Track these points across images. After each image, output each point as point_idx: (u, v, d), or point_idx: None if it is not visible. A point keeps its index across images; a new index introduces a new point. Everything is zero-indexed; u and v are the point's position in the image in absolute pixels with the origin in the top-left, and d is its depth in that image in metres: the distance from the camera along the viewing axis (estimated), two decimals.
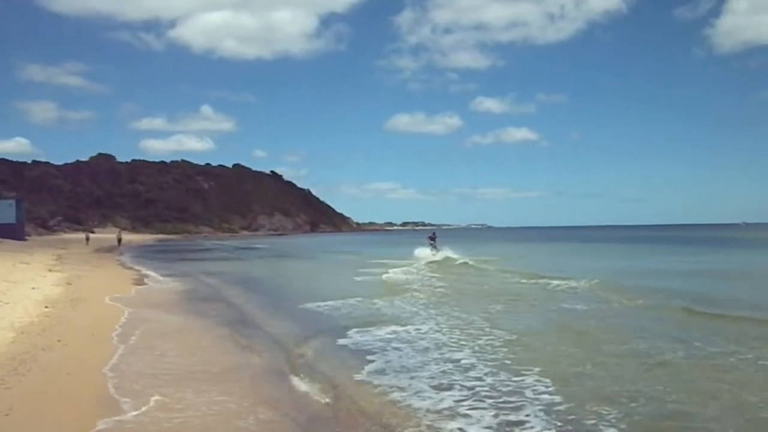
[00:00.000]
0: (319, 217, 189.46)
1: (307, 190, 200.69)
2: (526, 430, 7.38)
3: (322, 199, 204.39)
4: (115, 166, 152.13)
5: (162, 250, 64.16)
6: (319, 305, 18.04)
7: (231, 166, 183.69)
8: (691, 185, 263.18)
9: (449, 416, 7.88)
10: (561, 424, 7.51)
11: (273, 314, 16.90)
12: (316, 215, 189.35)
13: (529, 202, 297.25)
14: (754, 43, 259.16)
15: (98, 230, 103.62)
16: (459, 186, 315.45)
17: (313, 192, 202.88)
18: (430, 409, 8.12)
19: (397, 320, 15.27)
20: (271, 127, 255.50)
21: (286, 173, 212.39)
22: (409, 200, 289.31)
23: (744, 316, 15.18)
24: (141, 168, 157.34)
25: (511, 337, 12.81)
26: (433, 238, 46.27)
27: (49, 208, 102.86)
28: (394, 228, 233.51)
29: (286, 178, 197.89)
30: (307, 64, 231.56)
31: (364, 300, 19.14)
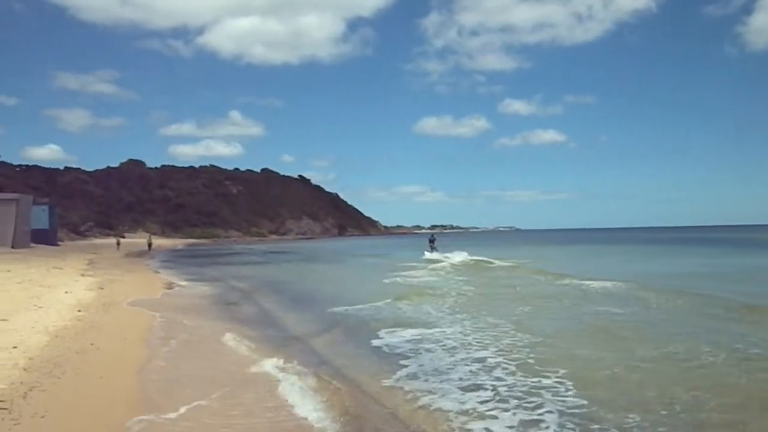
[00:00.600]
0: (347, 221, 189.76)
1: (335, 194, 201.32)
2: None
3: (350, 203, 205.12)
4: (145, 172, 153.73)
5: (192, 255, 64.68)
6: (348, 309, 18.10)
7: (259, 171, 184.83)
8: (722, 186, 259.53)
9: (476, 417, 7.90)
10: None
11: (303, 318, 16.94)
12: (344, 219, 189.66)
13: (557, 205, 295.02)
14: None
15: (129, 235, 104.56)
16: (487, 189, 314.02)
17: (341, 196, 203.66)
18: (459, 411, 8.12)
19: (425, 323, 15.20)
20: (299, 132, 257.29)
21: (314, 177, 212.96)
22: (437, 203, 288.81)
23: None
24: (170, 173, 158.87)
25: (540, 340, 12.69)
26: (432, 240, 52.97)
27: (81, 214, 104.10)
28: (422, 231, 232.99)
29: (314, 182, 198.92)
30: (335, 69, 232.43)
31: (393, 303, 19.12)
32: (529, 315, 16.41)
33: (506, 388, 9.13)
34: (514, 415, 7.96)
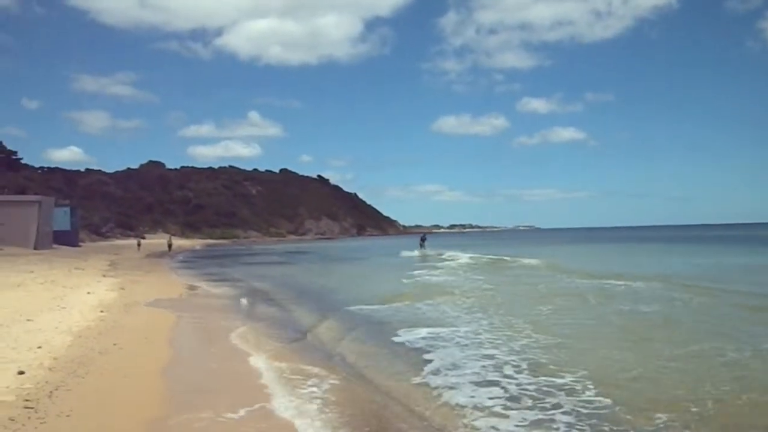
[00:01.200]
0: (366, 221, 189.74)
1: (354, 194, 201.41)
2: None
3: (369, 203, 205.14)
4: (165, 173, 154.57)
5: (211, 255, 64.99)
6: (367, 308, 18.25)
7: (278, 171, 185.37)
8: (741, 184, 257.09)
9: (491, 414, 7.97)
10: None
11: (323, 317, 16.92)
12: (363, 219, 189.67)
13: (577, 203, 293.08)
14: None
15: (149, 236, 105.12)
16: (506, 187, 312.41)
17: (360, 195, 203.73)
18: (476, 406, 8.20)
19: (444, 323, 15.19)
20: (318, 132, 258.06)
21: (333, 177, 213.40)
22: (456, 202, 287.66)
23: None
24: (190, 174, 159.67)
25: (560, 340, 12.61)
26: (423, 239, 58.17)
27: (102, 215, 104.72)
28: (441, 230, 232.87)
29: (333, 182, 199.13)
30: (353, 69, 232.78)
31: (412, 303, 19.15)
32: (550, 314, 16.33)
33: (523, 387, 9.12)
34: (531, 413, 7.97)
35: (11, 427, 6.53)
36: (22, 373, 8.62)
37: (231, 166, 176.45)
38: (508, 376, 9.76)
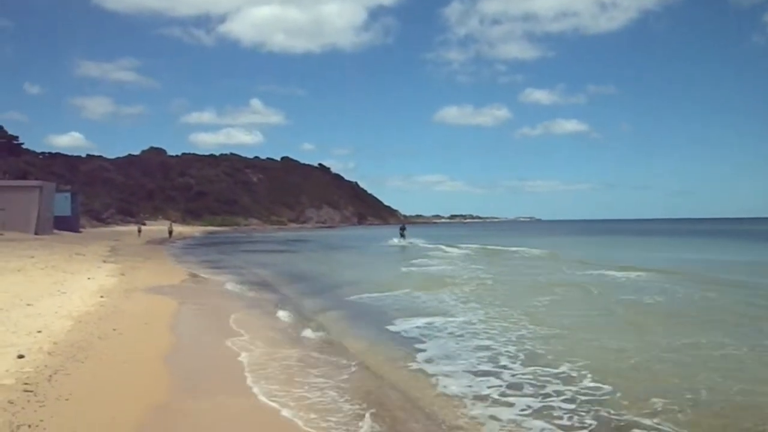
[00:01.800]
0: (367, 210, 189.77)
1: (355, 183, 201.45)
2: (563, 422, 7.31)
3: (370, 192, 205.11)
4: (166, 160, 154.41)
5: (212, 242, 65.03)
6: (366, 297, 18.29)
7: (279, 159, 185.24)
8: (743, 178, 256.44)
9: (490, 403, 8.02)
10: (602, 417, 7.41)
11: (323, 306, 16.99)
12: (364, 208, 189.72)
13: (578, 195, 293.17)
14: None
15: (150, 222, 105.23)
16: (507, 179, 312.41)
17: (361, 184, 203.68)
18: (474, 396, 8.25)
19: (442, 312, 15.22)
20: (320, 120, 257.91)
21: (334, 166, 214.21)
22: (457, 193, 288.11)
23: None
24: (191, 161, 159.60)
25: (558, 331, 12.64)
26: (403, 229, 60.54)
27: (103, 201, 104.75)
28: (442, 221, 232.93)
29: (334, 170, 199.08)
30: (356, 58, 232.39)
31: (411, 291, 19.23)
32: (549, 304, 16.35)
33: (521, 376, 9.16)
34: (528, 400, 8.04)
35: (11, 409, 6.57)
36: (21, 357, 8.65)
37: (232, 154, 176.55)
38: (505, 366, 9.79)
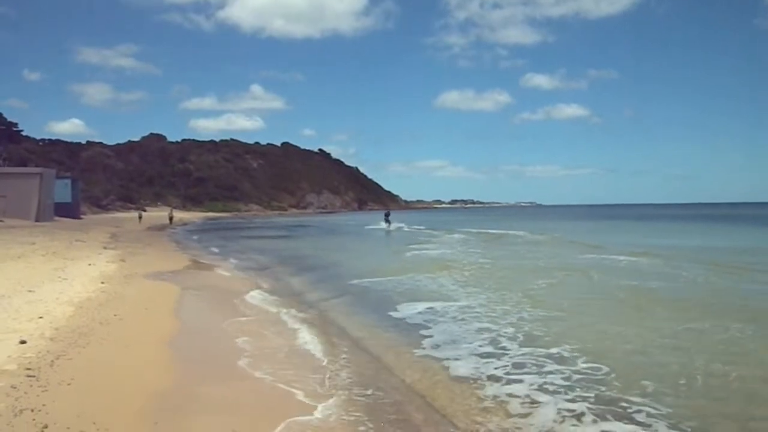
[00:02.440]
0: (367, 195, 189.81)
1: (355, 168, 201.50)
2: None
3: (370, 177, 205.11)
4: (166, 146, 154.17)
5: (212, 228, 65.05)
6: (369, 281, 18.32)
7: (280, 145, 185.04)
8: (747, 163, 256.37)
9: (490, 382, 8.13)
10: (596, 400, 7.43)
11: (325, 290, 17.02)
12: (364, 193, 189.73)
13: (579, 180, 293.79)
14: None
15: (150, 209, 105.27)
16: (508, 163, 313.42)
17: (361, 170, 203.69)
18: (475, 378, 8.31)
19: (444, 297, 15.24)
20: (320, 106, 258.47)
21: (335, 151, 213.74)
22: (458, 178, 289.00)
23: None
24: (191, 147, 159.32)
25: (557, 313, 12.68)
26: (387, 215, 63.41)
27: (103, 187, 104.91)
28: (443, 206, 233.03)
29: (335, 156, 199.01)
30: (356, 43, 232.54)
31: (413, 276, 19.26)
32: (549, 288, 16.36)
33: (519, 358, 9.21)
34: (526, 379, 8.09)
35: (13, 394, 6.59)
36: (23, 342, 8.68)
37: (232, 139, 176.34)
38: (505, 348, 9.82)
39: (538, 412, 7.07)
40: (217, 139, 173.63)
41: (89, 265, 19.52)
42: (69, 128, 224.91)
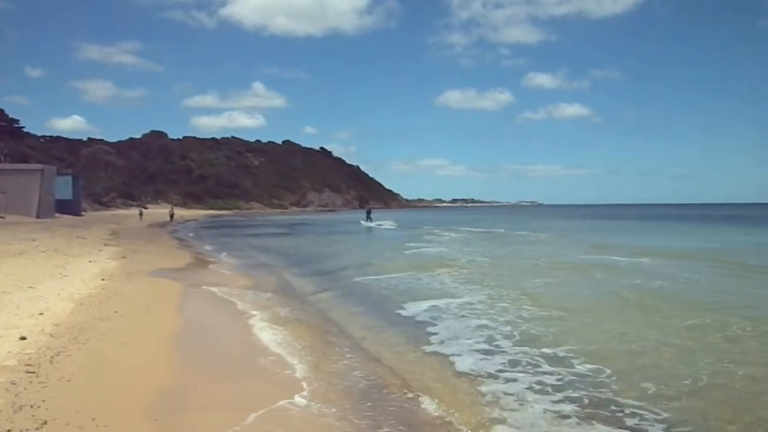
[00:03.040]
0: (368, 194, 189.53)
1: (357, 167, 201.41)
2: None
3: (372, 176, 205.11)
4: (167, 143, 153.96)
5: (213, 226, 65.01)
6: (370, 279, 18.37)
7: (281, 143, 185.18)
8: (749, 163, 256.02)
9: (490, 379, 8.14)
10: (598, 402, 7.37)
11: (327, 288, 17.01)
12: (365, 191, 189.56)
13: (581, 180, 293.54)
14: None
15: (151, 206, 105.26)
16: (510, 163, 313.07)
17: (363, 168, 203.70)
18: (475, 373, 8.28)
19: (446, 294, 15.20)
20: (322, 104, 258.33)
21: (336, 149, 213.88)
22: (459, 177, 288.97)
23: None
24: (192, 144, 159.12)
25: (559, 313, 12.63)
26: (369, 212, 67.60)
27: (104, 184, 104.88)
28: (444, 204, 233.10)
29: (336, 154, 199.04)
30: (358, 41, 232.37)
31: (415, 274, 19.24)
32: (550, 287, 16.33)
33: (517, 357, 9.18)
34: (525, 379, 8.06)
35: (13, 390, 6.56)
36: (23, 338, 8.64)
37: (234, 137, 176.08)
38: (503, 347, 9.78)
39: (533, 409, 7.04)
40: (219, 137, 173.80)
41: (90, 262, 19.50)
42: (70, 125, 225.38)
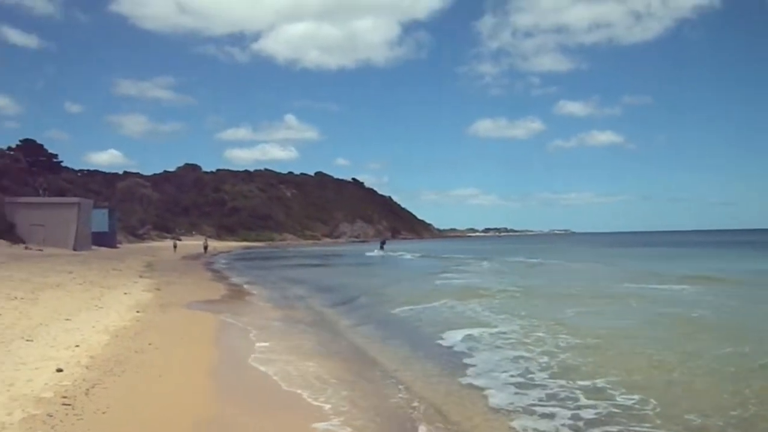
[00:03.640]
0: (400, 224, 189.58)
1: (389, 197, 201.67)
2: None
3: (403, 206, 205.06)
4: (201, 176, 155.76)
5: (247, 257, 65.26)
6: (403, 309, 18.24)
7: (313, 174, 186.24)
8: None
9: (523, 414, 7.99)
10: None
11: (361, 320, 16.94)
12: (397, 222, 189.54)
13: (614, 207, 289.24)
14: None
15: (185, 238, 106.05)
16: (541, 191, 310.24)
17: (395, 198, 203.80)
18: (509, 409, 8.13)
19: (481, 323, 15.04)
20: (354, 135, 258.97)
21: (368, 180, 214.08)
22: (491, 206, 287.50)
23: None
24: (225, 177, 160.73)
25: (596, 341, 12.46)
26: (383, 242, 73.72)
27: (139, 217, 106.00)
28: (476, 234, 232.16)
29: (368, 184, 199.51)
30: (389, 72, 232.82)
31: (447, 303, 19.13)
32: (587, 316, 16.10)
33: (555, 390, 8.98)
34: (562, 412, 7.90)
35: (49, 422, 6.58)
36: (60, 370, 8.68)
37: (266, 169, 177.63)
38: (540, 380, 9.61)
39: None
40: (252, 169, 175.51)
41: (125, 294, 19.64)
42: (107, 159, 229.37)
